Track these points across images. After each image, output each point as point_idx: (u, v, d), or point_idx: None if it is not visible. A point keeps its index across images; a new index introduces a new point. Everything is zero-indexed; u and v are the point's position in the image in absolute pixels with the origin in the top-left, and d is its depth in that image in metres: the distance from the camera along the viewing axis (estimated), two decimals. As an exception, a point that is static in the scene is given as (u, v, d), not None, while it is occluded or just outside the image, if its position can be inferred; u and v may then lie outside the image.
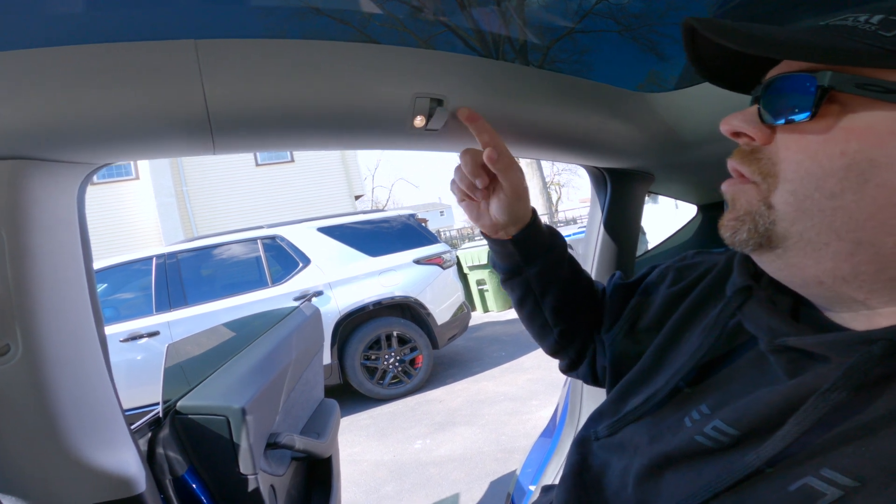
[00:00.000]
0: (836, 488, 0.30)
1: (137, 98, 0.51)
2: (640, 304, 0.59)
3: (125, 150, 0.58)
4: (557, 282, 0.64)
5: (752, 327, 0.41)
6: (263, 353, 1.18)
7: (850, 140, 0.33)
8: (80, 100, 0.49)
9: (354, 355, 3.90)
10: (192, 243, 4.07)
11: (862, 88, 0.32)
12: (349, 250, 4.07)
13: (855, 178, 0.33)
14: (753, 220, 0.38)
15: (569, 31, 0.67)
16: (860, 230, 0.33)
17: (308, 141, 0.66)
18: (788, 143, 0.36)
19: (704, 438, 0.38)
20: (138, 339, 3.56)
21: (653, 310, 0.56)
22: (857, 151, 0.33)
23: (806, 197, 0.35)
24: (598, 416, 0.53)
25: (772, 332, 0.38)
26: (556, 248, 0.65)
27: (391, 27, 0.63)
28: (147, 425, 0.95)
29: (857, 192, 0.33)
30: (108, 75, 0.49)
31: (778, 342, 0.37)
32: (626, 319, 0.60)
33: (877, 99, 0.32)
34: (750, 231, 0.38)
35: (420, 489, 2.55)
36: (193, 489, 0.92)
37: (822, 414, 0.32)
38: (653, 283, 0.60)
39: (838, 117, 0.33)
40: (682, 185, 1.04)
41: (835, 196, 0.33)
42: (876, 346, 0.31)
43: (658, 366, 0.50)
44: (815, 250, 0.35)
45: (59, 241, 0.59)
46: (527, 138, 0.75)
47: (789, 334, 0.37)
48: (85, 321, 0.65)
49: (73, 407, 0.62)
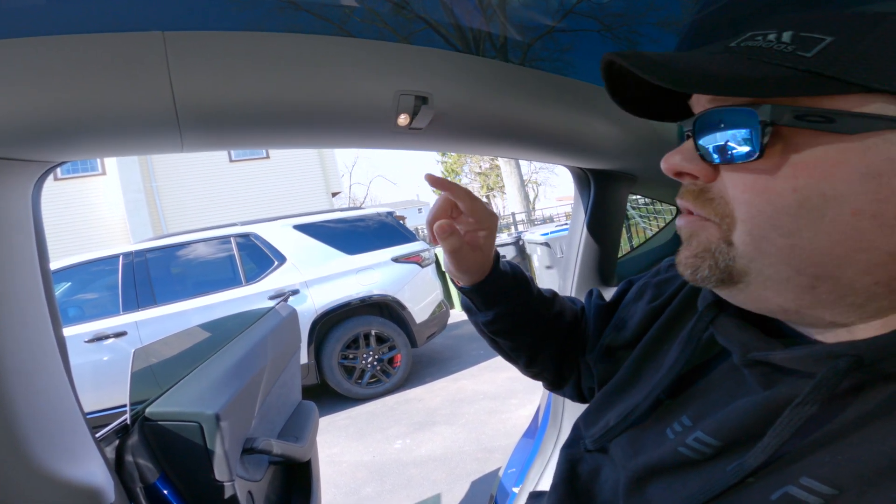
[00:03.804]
0: (816, 496, 0.30)
1: (98, 92, 0.48)
2: (620, 320, 0.59)
3: (84, 147, 0.54)
4: (520, 318, 0.63)
5: (724, 341, 0.41)
6: (238, 356, 1.15)
7: (799, 176, 0.32)
8: (36, 94, 0.46)
9: (332, 355, 3.85)
10: (162, 241, 3.95)
11: (801, 120, 0.31)
12: (326, 248, 4.01)
13: (808, 214, 0.32)
14: (713, 256, 0.37)
15: (549, 29, 0.67)
16: (818, 265, 0.33)
17: (285, 139, 0.63)
18: (736, 182, 0.35)
19: (687, 450, 0.39)
20: (104, 339, 3.43)
21: (631, 326, 0.56)
22: (807, 187, 0.31)
23: (762, 237, 0.34)
24: (582, 426, 0.53)
25: (743, 347, 0.39)
26: (518, 288, 0.63)
27: (371, 23, 0.61)
28: (114, 433, 0.91)
29: (812, 229, 0.32)
30: (66, 68, 0.46)
31: (750, 356, 0.38)
32: (607, 337, 0.59)
33: (817, 130, 0.31)
34: (711, 268, 0.37)
35: (401, 490, 2.53)
36: (166, 496, 0.89)
37: (798, 425, 0.32)
38: (631, 299, 0.60)
39: (783, 152, 0.32)
40: (662, 186, 1.05)
41: (791, 234, 0.33)
42: (841, 361, 0.32)
43: (637, 377, 0.50)
44: (776, 284, 0.35)
45: (12, 243, 0.56)
46: (512, 137, 0.74)
47: (759, 349, 0.37)
48: (42, 327, 0.62)
49: (31, 417, 0.59)
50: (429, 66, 0.61)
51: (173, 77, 0.49)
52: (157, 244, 3.90)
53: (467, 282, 0.61)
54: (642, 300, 0.57)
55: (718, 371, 0.43)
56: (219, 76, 0.52)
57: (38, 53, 0.45)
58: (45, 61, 0.46)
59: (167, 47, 0.49)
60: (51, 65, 0.46)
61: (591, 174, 0.92)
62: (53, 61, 0.46)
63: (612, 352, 0.58)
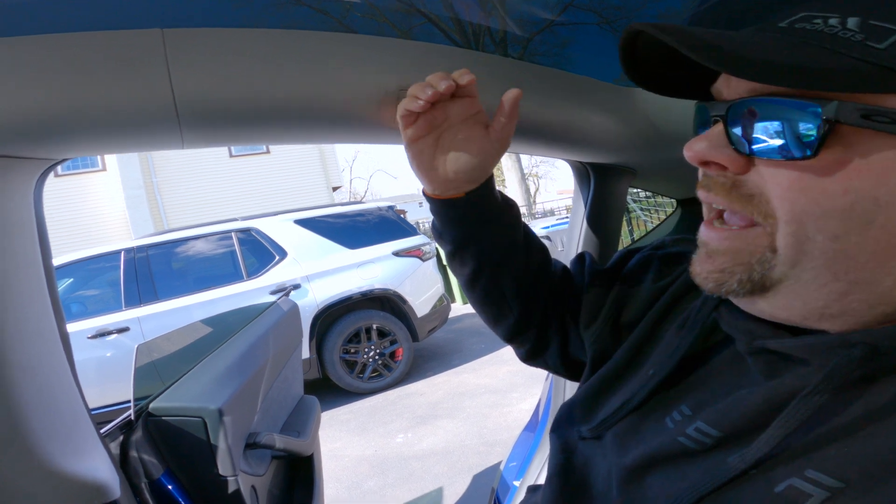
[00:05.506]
0: (822, 489, 0.30)
1: (98, 89, 0.48)
2: (623, 296, 0.56)
3: (85, 145, 0.54)
4: (515, 249, 0.58)
5: (728, 328, 0.40)
6: (240, 351, 1.16)
7: (853, 178, 0.30)
8: (35, 92, 0.46)
9: (333, 349, 3.87)
10: (163, 236, 3.96)
11: (868, 119, 0.29)
12: (327, 243, 4.01)
13: (858, 218, 0.30)
14: (750, 268, 0.34)
15: (549, 23, 0.67)
16: (858, 271, 0.31)
17: (285, 135, 0.63)
18: (778, 178, 0.32)
19: (687, 440, 0.38)
20: (107, 335, 3.45)
21: (637, 305, 0.54)
22: (860, 190, 0.30)
23: (806, 239, 0.32)
24: (575, 412, 0.52)
25: (750, 335, 0.37)
26: (510, 207, 0.58)
27: (370, 17, 0.61)
28: (118, 428, 0.92)
29: (859, 234, 0.30)
30: (65, 66, 0.46)
31: (756, 344, 0.37)
32: (609, 314, 0.56)
33: (881, 131, 0.29)
34: (741, 281, 0.34)
35: (403, 484, 2.55)
36: (171, 491, 0.90)
37: (805, 417, 0.31)
38: (634, 273, 0.57)
39: (840, 152, 0.30)
40: (662, 180, 1.05)
41: (837, 238, 0.31)
42: (856, 350, 0.31)
43: (635, 362, 0.49)
44: (810, 290, 0.33)
45: (14, 241, 0.56)
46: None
47: (767, 337, 0.36)
48: (46, 324, 0.62)
49: (37, 413, 0.59)
50: (429, 61, 0.61)
51: (173, 74, 0.49)
52: (159, 240, 3.91)
53: (469, 187, 0.54)
54: (648, 276, 0.55)
55: (718, 360, 0.42)
56: (218, 73, 0.52)
57: (36, 52, 0.45)
58: (44, 59, 0.46)
59: (166, 44, 0.49)
60: (50, 63, 0.46)
61: (590, 168, 0.92)
62: (52, 59, 0.46)
63: (614, 328, 0.55)
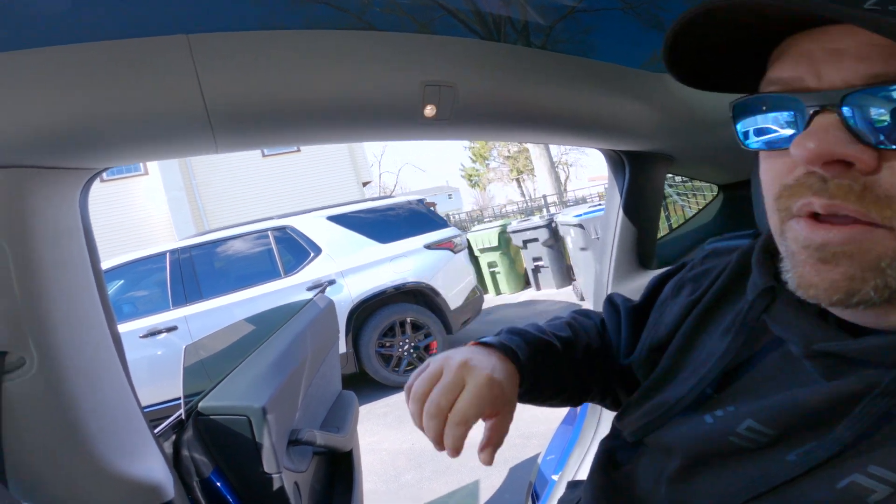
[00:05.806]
0: (885, 485, 0.29)
1: (131, 97, 0.49)
2: (658, 321, 0.56)
3: (124, 153, 0.56)
4: (576, 372, 0.59)
5: (780, 331, 0.39)
6: (280, 350, 1.18)
7: None
8: (75, 101, 0.47)
9: (369, 343, 3.92)
10: (205, 237, 4.11)
11: None
12: (359, 238, 4.06)
13: None
14: (881, 273, 0.30)
15: (570, 10, 0.64)
16: None
17: (314, 135, 0.64)
18: None
19: (738, 438, 0.38)
20: (157, 334, 3.61)
21: (669, 322, 0.53)
22: None
23: None
24: (622, 419, 0.52)
25: (805, 338, 0.37)
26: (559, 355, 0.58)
27: (390, 12, 0.60)
28: (171, 428, 0.95)
29: None
30: (99, 75, 0.47)
31: (817, 348, 0.36)
32: (646, 338, 0.56)
33: None
34: (878, 288, 0.31)
35: (440, 477, 2.57)
36: (220, 490, 0.93)
37: (876, 416, 0.31)
38: (668, 298, 0.57)
39: None
40: (703, 165, 1.00)
41: None
42: None
43: (677, 369, 0.48)
44: None
45: (64, 249, 0.58)
46: (539, 123, 0.72)
47: (825, 339, 0.36)
48: (98, 327, 0.65)
49: (93, 415, 0.62)
50: (452, 55, 0.60)
51: (202, 79, 0.50)
52: (201, 240, 4.05)
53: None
54: (680, 296, 0.54)
55: (767, 362, 0.41)
56: (245, 76, 0.52)
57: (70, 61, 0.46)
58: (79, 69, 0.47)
59: (192, 50, 0.49)
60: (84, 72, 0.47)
61: (624, 156, 0.89)
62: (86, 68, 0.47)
63: (654, 352, 0.55)
